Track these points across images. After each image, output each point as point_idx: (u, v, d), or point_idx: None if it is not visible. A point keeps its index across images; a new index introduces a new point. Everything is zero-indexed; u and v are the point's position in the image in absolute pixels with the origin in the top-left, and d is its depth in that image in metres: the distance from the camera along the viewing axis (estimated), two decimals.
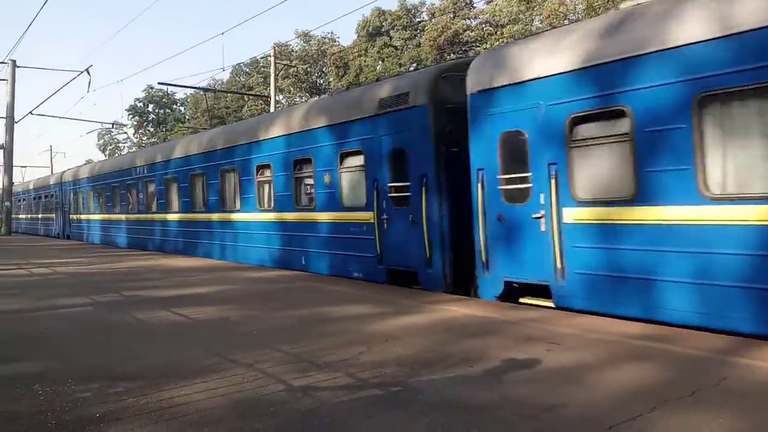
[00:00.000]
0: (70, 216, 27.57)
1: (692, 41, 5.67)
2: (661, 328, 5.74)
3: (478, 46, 42.13)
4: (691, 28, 5.68)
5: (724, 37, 5.46)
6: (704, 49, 5.59)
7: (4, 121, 30.78)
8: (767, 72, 5.16)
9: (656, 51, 5.97)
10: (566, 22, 35.79)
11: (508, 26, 42.69)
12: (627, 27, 6.40)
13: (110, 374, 4.61)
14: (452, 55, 42.52)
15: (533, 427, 3.40)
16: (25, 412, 3.81)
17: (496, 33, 43.49)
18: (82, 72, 28.08)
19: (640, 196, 6.10)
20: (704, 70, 5.59)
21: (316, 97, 12.94)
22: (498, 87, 7.57)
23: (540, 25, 40.62)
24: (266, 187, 12.53)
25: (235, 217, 13.60)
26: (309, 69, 54.30)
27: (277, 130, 12.05)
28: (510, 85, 7.44)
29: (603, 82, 6.45)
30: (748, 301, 5.34)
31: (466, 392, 4.02)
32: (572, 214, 6.74)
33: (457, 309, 7.06)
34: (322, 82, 56.10)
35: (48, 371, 4.75)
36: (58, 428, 3.51)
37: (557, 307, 6.87)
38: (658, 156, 5.96)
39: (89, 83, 37.64)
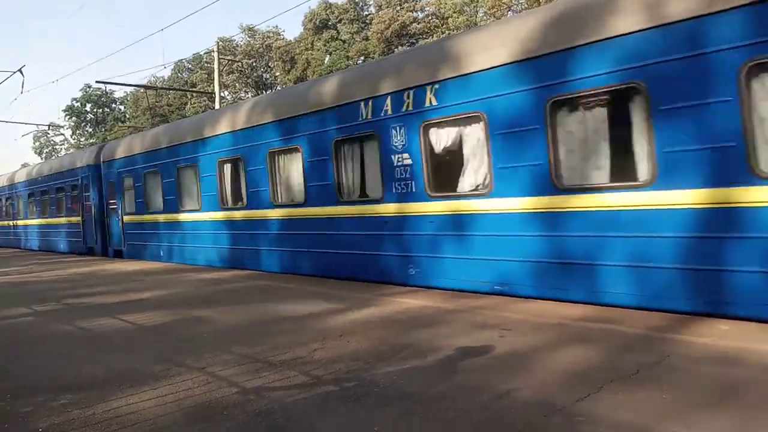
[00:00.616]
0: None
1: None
2: (603, 309, 5.92)
3: (426, 38, 42.38)
4: None
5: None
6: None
7: None
8: None
9: None
10: (509, 13, 36.38)
11: (452, 17, 43.10)
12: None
13: (54, 386, 4.42)
14: (400, 47, 42.62)
15: (488, 413, 3.44)
16: None
17: (442, 25, 43.85)
18: (14, 72, 26.78)
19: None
20: None
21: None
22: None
23: (483, 17, 41.18)
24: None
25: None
26: (254, 64, 53.43)
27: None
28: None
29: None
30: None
31: (421, 383, 4.04)
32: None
33: (410, 301, 7.09)
34: (268, 76, 55.33)
35: None
36: None
37: None
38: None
39: (23, 84, 36.01)
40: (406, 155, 7.93)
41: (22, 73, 27.21)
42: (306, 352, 5.02)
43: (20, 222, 23.80)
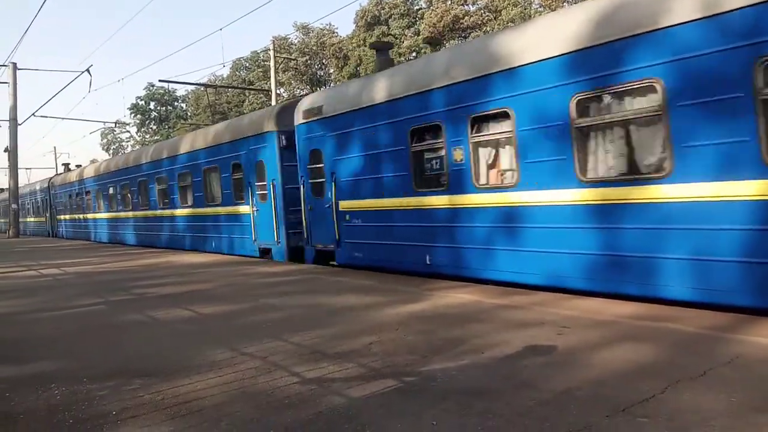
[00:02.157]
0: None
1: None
2: (656, 307, 5.77)
3: (478, 31, 41.91)
4: None
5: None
6: None
7: (7, 123, 30.91)
8: None
9: None
10: (564, 5, 35.51)
11: (506, 10, 42.44)
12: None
13: (125, 371, 4.65)
14: (452, 41, 42.31)
15: (548, 410, 3.41)
16: (43, 411, 3.85)
17: (495, 18, 43.24)
18: (82, 72, 28.14)
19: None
20: None
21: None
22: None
23: (539, 8, 40.35)
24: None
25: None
26: (309, 61, 54.14)
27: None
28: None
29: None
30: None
31: (479, 378, 4.04)
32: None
33: (463, 295, 7.07)
34: (322, 74, 55.96)
35: (63, 370, 4.79)
36: (75, 427, 3.55)
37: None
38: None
39: (90, 83, 37.70)
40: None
41: (89, 72, 28.54)
42: (363, 344, 5.09)
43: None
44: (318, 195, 11.08)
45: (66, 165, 35.48)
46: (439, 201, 8.48)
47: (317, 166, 11.03)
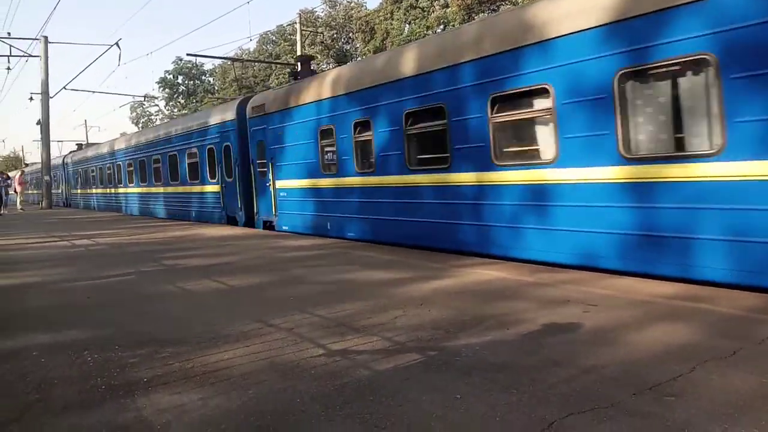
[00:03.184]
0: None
1: None
2: (696, 287, 5.66)
3: (507, 4, 41.04)
4: None
5: None
6: None
7: (39, 97, 31.43)
8: None
9: None
10: None
11: None
12: None
13: (155, 340, 4.76)
14: (481, 14, 41.54)
15: (574, 387, 3.40)
16: (77, 377, 3.97)
17: None
18: (111, 46, 28.43)
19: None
20: None
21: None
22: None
23: None
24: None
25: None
26: (336, 35, 53.77)
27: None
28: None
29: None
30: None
31: (504, 355, 4.04)
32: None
33: (489, 272, 7.05)
34: (349, 47, 55.56)
35: (96, 338, 4.93)
36: (107, 392, 3.66)
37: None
38: None
39: (119, 57, 38.11)
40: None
41: (118, 46, 28.88)
42: (388, 318, 5.12)
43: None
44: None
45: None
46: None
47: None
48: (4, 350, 4.73)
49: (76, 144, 37.77)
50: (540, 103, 7.28)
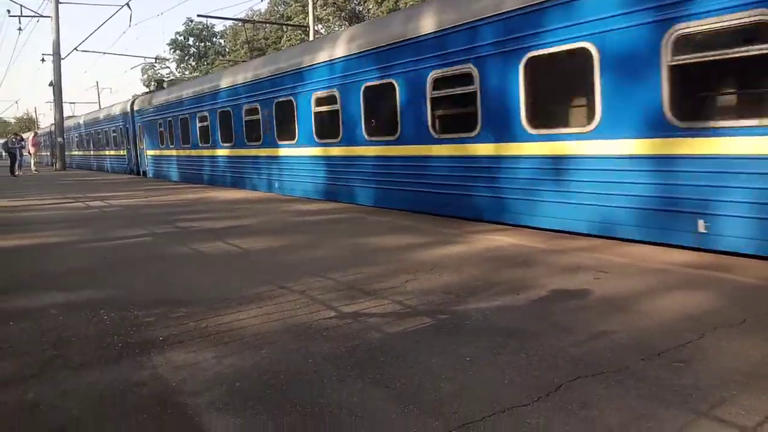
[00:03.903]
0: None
1: None
2: (716, 256, 5.62)
3: None
4: None
5: None
6: None
7: (51, 58, 31.35)
8: None
9: None
10: None
11: None
12: None
13: (170, 300, 4.84)
14: None
15: (583, 351, 3.43)
16: (94, 335, 4.06)
17: None
18: (122, 6, 28.12)
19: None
20: None
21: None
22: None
23: None
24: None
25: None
26: None
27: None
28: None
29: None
30: None
31: (514, 319, 4.07)
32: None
33: (501, 238, 7.05)
34: (361, 9, 54.60)
35: (111, 298, 5.02)
36: (124, 350, 3.74)
37: None
38: None
39: (130, 17, 37.69)
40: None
41: (129, 6, 28.55)
42: (399, 282, 5.16)
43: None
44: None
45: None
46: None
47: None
48: (23, 309, 4.84)
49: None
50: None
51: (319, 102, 11.77)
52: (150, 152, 23.68)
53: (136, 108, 24.72)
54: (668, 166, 5.98)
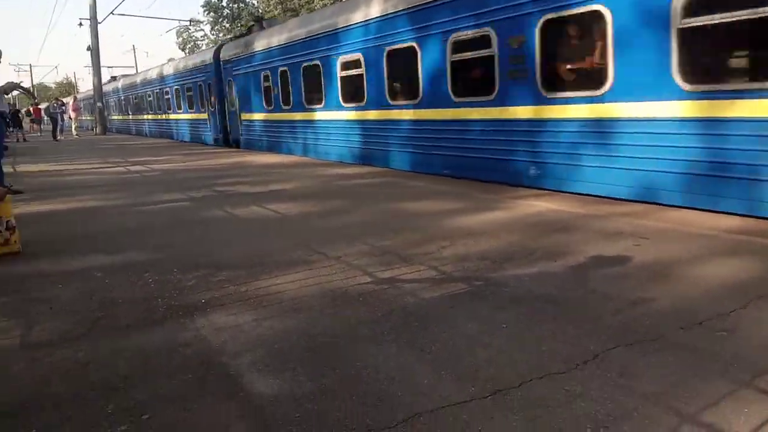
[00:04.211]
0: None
1: None
2: (764, 222, 5.44)
3: None
4: None
5: None
6: None
7: (88, 23, 31.70)
8: None
9: None
10: None
11: None
12: None
13: (210, 264, 4.95)
14: None
15: (621, 319, 3.40)
16: (139, 297, 4.20)
17: None
18: None
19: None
20: None
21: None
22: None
23: None
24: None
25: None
26: None
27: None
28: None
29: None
30: None
31: (551, 286, 4.04)
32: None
33: (540, 204, 6.96)
34: None
35: (154, 261, 5.16)
36: (168, 312, 3.86)
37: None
38: None
39: None
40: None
41: None
42: (435, 248, 5.16)
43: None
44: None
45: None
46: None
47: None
48: (71, 270, 5.02)
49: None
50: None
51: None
52: (249, 116, 17.26)
53: (225, 57, 18.22)
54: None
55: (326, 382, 2.80)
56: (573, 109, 7.13)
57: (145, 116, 30.10)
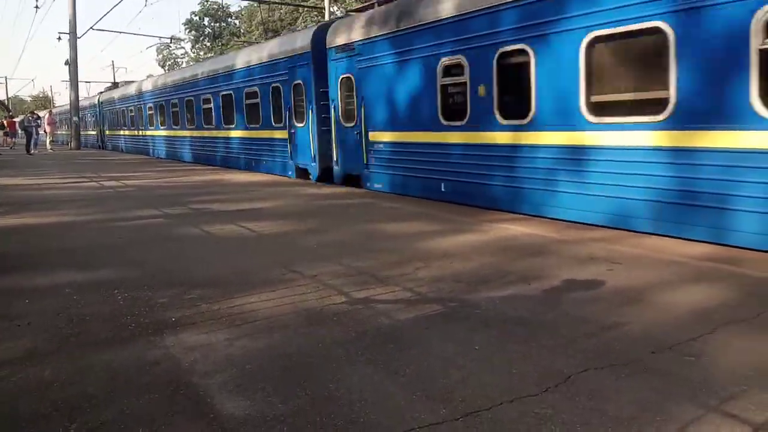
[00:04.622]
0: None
1: None
2: (731, 250, 5.57)
3: None
4: None
5: None
6: None
7: (67, 36, 31.44)
8: None
9: None
10: None
11: None
12: None
13: (183, 282, 4.89)
14: None
15: (593, 343, 3.43)
16: (108, 314, 4.12)
17: None
18: None
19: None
20: None
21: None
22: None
23: None
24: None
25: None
26: None
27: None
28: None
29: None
30: None
31: (523, 309, 4.07)
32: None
33: (516, 228, 7.03)
34: None
35: (126, 278, 5.08)
36: (138, 330, 3.79)
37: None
38: None
39: None
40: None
41: None
42: (410, 269, 5.17)
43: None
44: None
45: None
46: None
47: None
48: (40, 287, 4.91)
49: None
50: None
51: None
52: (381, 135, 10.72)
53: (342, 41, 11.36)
54: None
55: (298, 403, 2.77)
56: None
57: (156, 131, 23.97)
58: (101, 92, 36.99)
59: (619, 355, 3.24)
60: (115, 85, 37.72)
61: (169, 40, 57.66)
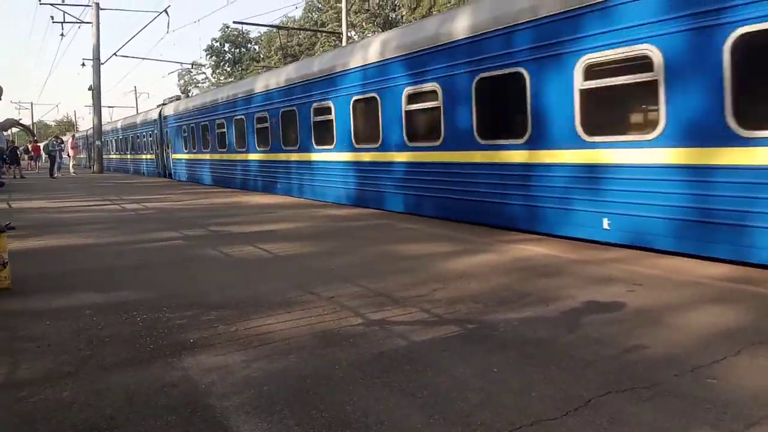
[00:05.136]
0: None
1: None
2: (750, 270, 5.47)
3: None
4: None
5: None
6: None
7: (91, 63, 32.23)
8: None
9: None
10: None
11: None
12: None
13: (201, 303, 4.92)
14: None
15: (614, 366, 3.37)
16: (127, 336, 4.15)
17: None
18: (161, 13, 28.83)
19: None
20: None
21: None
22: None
23: None
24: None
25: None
26: (381, 2, 53.08)
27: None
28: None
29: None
30: None
31: (542, 331, 4.03)
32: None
33: (533, 248, 6.98)
34: (395, 15, 54.84)
35: (144, 299, 5.12)
36: (155, 351, 3.81)
37: None
38: None
39: (168, 24, 38.51)
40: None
41: (167, 13, 29.27)
42: (427, 290, 5.15)
43: None
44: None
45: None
46: None
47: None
48: (60, 308, 4.97)
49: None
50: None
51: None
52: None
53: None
54: None
55: (315, 426, 2.75)
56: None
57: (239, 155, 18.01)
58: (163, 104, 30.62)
59: (641, 378, 3.18)
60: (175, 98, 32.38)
61: (190, 66, 58.69)
